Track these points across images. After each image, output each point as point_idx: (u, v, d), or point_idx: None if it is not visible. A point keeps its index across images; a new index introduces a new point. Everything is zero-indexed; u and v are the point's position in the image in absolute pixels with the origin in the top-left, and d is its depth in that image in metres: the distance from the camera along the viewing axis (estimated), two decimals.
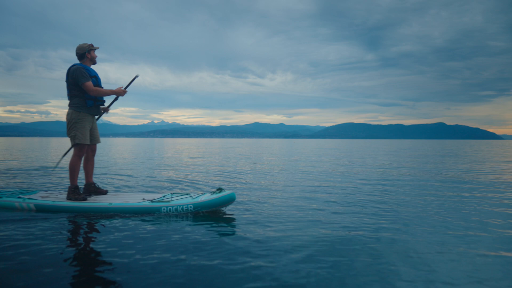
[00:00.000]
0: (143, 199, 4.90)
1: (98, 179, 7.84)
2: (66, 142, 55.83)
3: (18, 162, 13.56)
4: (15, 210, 4.78)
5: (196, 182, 8.01)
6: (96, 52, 5.22)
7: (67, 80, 5.05)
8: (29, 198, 4.95)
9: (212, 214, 4.70)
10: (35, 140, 75.88)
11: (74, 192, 4.99)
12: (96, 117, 5.44)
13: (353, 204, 5.55)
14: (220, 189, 4.89)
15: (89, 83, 4.95)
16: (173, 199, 4.80)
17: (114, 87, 5.27)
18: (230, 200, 4.75)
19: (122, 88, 5.26)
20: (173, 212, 4.59)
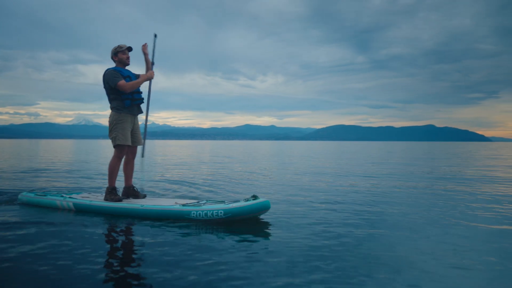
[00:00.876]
0: (176, 203, 4.79)
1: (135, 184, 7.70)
2: (56, 144, 55.38)
3: (64, 164, 13.96)
4: (56, 208, 5.04)
5: (230, 188, 7.62)
6: (87, 54, 5.18)
7: (104, 86, 5.11)
8: (69, 197, 5.12)
9: (244, 222, 4.41)
10: (25, 142, 75.06)
11: (110, 193, 5.02)
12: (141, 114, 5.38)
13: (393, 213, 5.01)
14: (255, 196, 4.56)
15: (121, 82, 4.95)
16: (205, 204, 4.60)
17: (103, 89, 5.14)
18: (263, 208, 4.45)
19: (150, 69, 5.32)
20: (202, 217, 4.38)
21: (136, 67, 5.32)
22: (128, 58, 5.20)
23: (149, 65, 5.41)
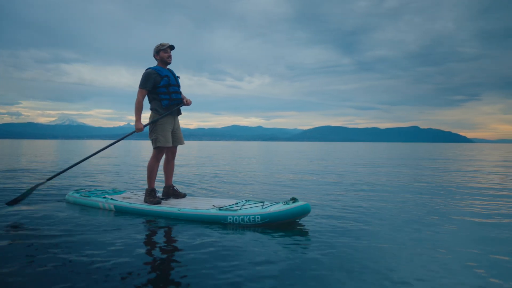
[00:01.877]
0: (213, 205, 4.69)
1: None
2: (40, 144, 54.54)
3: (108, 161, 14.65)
4: (99, 209, 5.15)
5: (268, 189, 7.49)
6: (70, 53, 5.07)
7: None
8: (111, 199, 5.22)
9: (283, 226, 4.16)
10: (6, 143, 73.64)
11: (149, 195, 5.01)
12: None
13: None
14: (294, 199, 4.30)
15: (140, 90, 4.91)
16: (243, 207, 4.42)
17: (88, 88, 5.06)
18: (303, 212, 4.19)
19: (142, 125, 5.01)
20: (239, 222, 4.22)
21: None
22: (169, 57, 5.06)
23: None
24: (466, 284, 2.63)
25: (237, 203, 4.70)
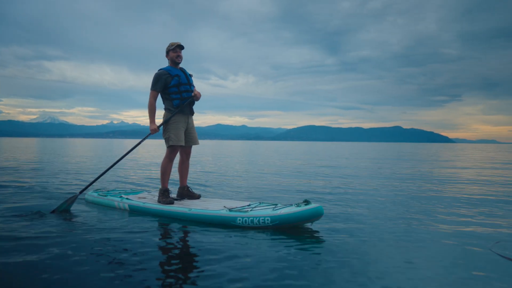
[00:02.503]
0: (224, 206, 4.57)
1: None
2: (20, 143, 53.40)
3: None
4: (114, 209, 5.22)
5: (283, 190, 7.38)
6: (52, 50, 4.83)
7: None
8: (126, 198, 5.28)
9: (294, 230, 4.04)
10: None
11: (163, 195, 5.01)
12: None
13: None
14: (306, 201, 4.16)
15: (151, 92, 4.97)
16: (254, 209, 4.30)
17: (71, 86, 4.86)
18: (315, 215, 4.03)
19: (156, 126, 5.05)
20: (248, 224, 4.11)
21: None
22: (178, 56, 5.03)
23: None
24: None
25: (249, 205, 4.58)
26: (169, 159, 5.08)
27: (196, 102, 5.19)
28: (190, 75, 5.18)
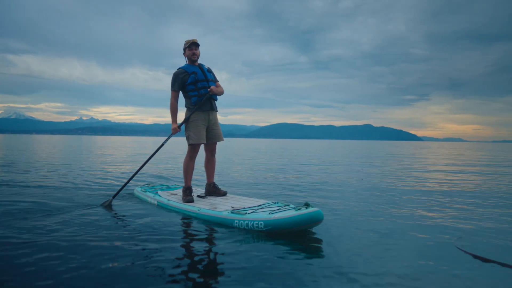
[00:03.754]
0: (232, 207, 4.44)
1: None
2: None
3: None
4: (147, 204, 5.38)
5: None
6: (17, 43, 4.66)
7: None
8: (158, 195, 5.49)
9: (289, 236, 3.74)
10: None
11: (184, 193, 5.09)
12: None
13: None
14: (307, 205, 3.85)
15: (171, 93, 5.04)
16: (257, 211, 4.07)
17: (37, 81, 4.70)
18: (312, 220, 3.70)
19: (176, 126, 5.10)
20: (244, 227, 3.94)
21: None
22: (193, 54, 5.03)
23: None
24: None
25: (261, 205, 4.39)
26: (190, 157, 5.09)
27: (167, 98, 5.11)
28: (209, 71, 5.14)
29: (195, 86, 4.98)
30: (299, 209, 3.84)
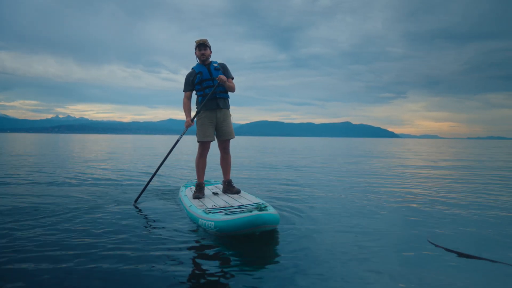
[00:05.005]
0: (213, 205, 4.35)
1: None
2: None
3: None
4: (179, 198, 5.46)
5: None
6: None
7: None
8: (184, 190, 5.61)
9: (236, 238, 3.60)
10: None
11: (195, 189, 5.17)
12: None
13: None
14: (260, 207, 3.67)
15: (184, 94, 5.20)
16: (228, 211, 3.84)
17: (11, 78, 4.49)
18: (265, 222, 3.48)
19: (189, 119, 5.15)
20: (203, 227, 3.83)
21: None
22: (202, 54, 5.08)
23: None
24: None
25: (242, 205, 4.16)
26: (199, 154, 5.20)
27: (146, 96, 4.98)
28: (218, 69, 5.13)
29: (201, 85, 5.09)
30: (251, 210, 3.70)
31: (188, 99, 5.20)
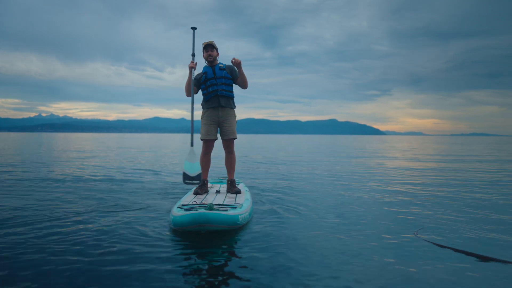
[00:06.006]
0: (194, 201, 4.37)
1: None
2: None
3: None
4: None
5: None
6: None
7: None
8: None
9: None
10: None
11: (198, 186, 5.14)
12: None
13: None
14: (210, 206, 3.69)
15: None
16: (194, 208, 3.87)
17: None
18: (205, 221, 3.52)
19: (191, 61, 5.16)
20: (170, 221, 3.89)
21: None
22: (209, 55, 5.18)
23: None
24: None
25: (219, 204, 4.20)
26: (203, 152, 5.28)
27: (131, 94, 4.91)
28: (222, 69, 5.20)
29: (205, 85, 5.22)
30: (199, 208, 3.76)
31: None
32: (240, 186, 5.60)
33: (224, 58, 5.39)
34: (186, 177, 4.65)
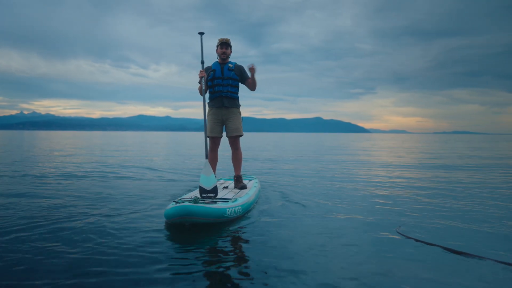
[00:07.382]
0: (193, 196, 4.36)
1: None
2: None
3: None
4: None
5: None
6: None
7: None
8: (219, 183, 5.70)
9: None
10: None
11: None
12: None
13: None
14: (195, 199, 3.83)
15: (199, 87, 5.26)
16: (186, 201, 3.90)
17: None
18: (187, 213, 3.58)
19: (200, 70, 5.14)
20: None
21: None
22: (223, 53, 5.30)
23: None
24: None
25: (216, 199, 4.27)
26: (209, 149, 5.34)
27: (115, 91, 4.91)
28: (230, 69, 5.29)
29: (212, 83, 5.31)
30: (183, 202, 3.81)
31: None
32: (251, 183, 5.67)
33: (211, 55, 5.45)
34: (202, 191, 4.48)
